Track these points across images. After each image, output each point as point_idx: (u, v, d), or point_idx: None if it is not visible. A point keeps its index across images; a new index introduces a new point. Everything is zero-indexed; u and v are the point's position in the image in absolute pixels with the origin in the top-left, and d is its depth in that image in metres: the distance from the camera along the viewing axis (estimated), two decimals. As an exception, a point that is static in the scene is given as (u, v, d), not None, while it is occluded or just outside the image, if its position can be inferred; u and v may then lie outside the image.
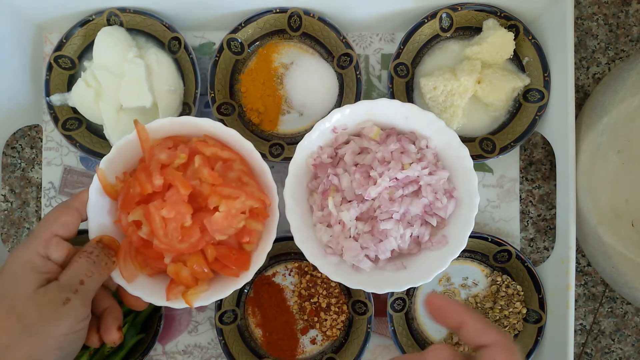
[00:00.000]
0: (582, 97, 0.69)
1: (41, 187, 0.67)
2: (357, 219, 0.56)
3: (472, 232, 0.54)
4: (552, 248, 0.63)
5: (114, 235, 0.51)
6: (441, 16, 0.63)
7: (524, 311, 0.63)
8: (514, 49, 0.63)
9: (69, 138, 0.63)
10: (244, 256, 0.53)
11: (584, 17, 0.69)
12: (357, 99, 0.63)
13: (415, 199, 0.55)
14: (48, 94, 0.63)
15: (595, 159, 0.56)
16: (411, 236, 0.56)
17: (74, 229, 0.49)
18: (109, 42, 0.61)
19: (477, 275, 0.65)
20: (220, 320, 0.62)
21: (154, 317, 0.61)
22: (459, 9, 0.63)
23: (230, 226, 0.50)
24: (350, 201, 0.56)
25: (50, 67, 0.63)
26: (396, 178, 0.54)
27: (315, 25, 0.64)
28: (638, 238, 0.52)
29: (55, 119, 0.63)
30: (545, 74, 0.62)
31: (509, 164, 0.67)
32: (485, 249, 0.64)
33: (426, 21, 0.63)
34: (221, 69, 0.64)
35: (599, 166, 0.56)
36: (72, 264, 0.46)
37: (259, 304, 0.64)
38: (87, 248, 0.48)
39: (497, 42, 0.61)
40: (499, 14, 0.63)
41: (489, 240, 0.63)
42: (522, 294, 0.64)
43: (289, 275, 0.65)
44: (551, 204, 0.68)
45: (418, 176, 0.55)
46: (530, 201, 0.68)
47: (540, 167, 0.68)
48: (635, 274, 0.55)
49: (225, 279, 0.53)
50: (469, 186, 0.54)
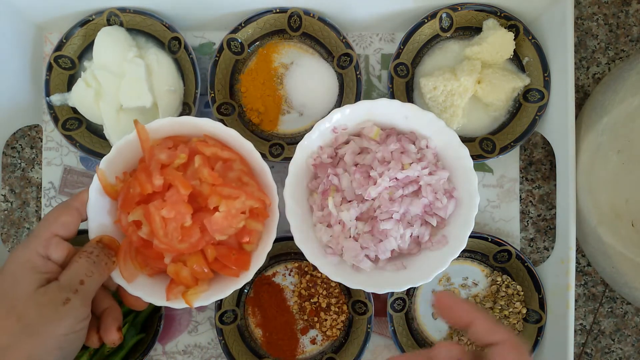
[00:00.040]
0: (582, 97, 0.69)
1: (41, 187, 0.67)
2: (357, 219, 0.56)
3: (472, 232, 0.54)
4: (552, 248, 0.63)
5: (114, 235, 0.51)
6: (441, 16, 0.63)
7: (524, 311, 0.63)
8: (514, 49, 0.63)
9: (69, 138, 0.63)
10: (244, 256, 0.53)
11: (584, 17, 0.69)
12: (357, 99, 0.63)
13: (415, 199, 0.55)
14: (48, 94, 0.63)
15: (595, 159, 0.56)
16: (411, 236, 0.56)
17: (74, 229, 0.49)
18: (109, 42, 0.61)
19: (477, 275, 0.65)
20: (220, 320, 0.62)
21: (154, 317, 0.61)
22: (459, 9, 0.63)
23: (230, 226, 0.50)
24: (350, 201, 0.56)
25: (50, 67, 0.63)
26: (396, 178, 0.54)
27: (315, 25, 0.64)
28: (638, 238, 0.52)
29: (55, 119, 0.63)
30: (545, 74, 0.62)
31: (509, 164, 0.67)
32: (485, 249, 0.64)
33: (426, 21, 0.63)
34: (221, 69, 0.64)
35: (599, 166, 0.56)
36: (72, 264, 0.46)
37: (259, 304, 0.64)
38: (87, 248, 0.48)
39: (497, 42, 0.61)
40: (499, 14, 0.63)
41: (489, 240, 0.63)
42: (522, 294, 0.64)
43: (289, 275, 0.65)
44: (551, 204, 0.68)
45: (418, 176, 0.55)
46: (530, 201, 0.68)
47: (540, 167, 0.68)
48: (635, 274, 0.55)
49: (225, 279, 0.53)
50: (469, 186, 0.54)
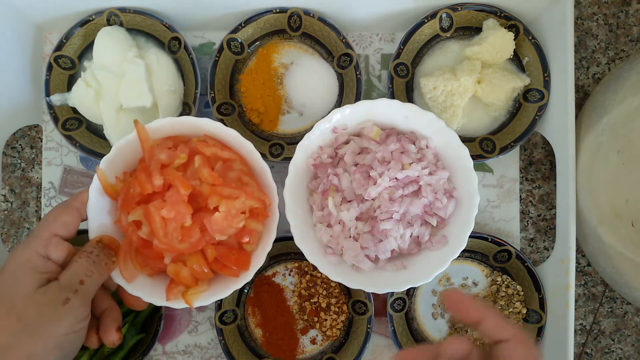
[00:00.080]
0: (582, 97, 0.69)
1: (41, 187, 0.67)
2: (357, 219, 0.56)
3: (472, 232, 0.54)
4: (552, 248, 0.63)
5: (114, 235, 0.51)
6: (441, 16, 0.63)
7: (524, 311, 0.63)
8: (514, 49, 0.63)
9: (69, 138, 0.63)
10: (244, 256, 0.53)
11: (584, 17, 0.69)
12: (357, 99, 0.63)
13: (415, 199, 0.55)
14: (48, 94, 0.63)
15: (595, 159, 0.56)
16: (411, 236, 0.56)
17: (74, 229, 0.49)
18: (109, 42, 0.61)
19: (477, 275, 0.65)
20: (220, 320, 0.62)
21: (154, 317, 0.61)
22: (459, 9, 0.63)
23: (230, 226, 0.50)
24: (350, 201, 0.56)
25: (50, 67, 0.63)
26: (396, 178, 0.54)
27: (315, 25, 0.64)
28: (638, 238, 0.52)
29: (55, 119, 0.63)
30: (545, 74, 0.62)
31: (509, 164, 0.67)
32: (485, 249, 0.64)
33: (426, 21, 0.63)
34: (221, 69, 0.64)
35: (599, 166, 0.56)
36: (72, 264, 0.46)
37: (259, 304, 0.64)
38: (87, 248, 0.48)
39: (497, 42, 0.61)
40: (499, 14, 0.63)
41: (489, 240, 0.63)
42: (522, 294, 0.64)
43: (289, 275, 0.65)
44: (551, 204, 0.68)
45: (418, 176, 0.55)
46: (530, 201, 0.68)
47: (540, 167, 0.68)
48: (635, 274, 0.55)
49: (225, 279, 0.53)
50: (469, 186, 0.54)
